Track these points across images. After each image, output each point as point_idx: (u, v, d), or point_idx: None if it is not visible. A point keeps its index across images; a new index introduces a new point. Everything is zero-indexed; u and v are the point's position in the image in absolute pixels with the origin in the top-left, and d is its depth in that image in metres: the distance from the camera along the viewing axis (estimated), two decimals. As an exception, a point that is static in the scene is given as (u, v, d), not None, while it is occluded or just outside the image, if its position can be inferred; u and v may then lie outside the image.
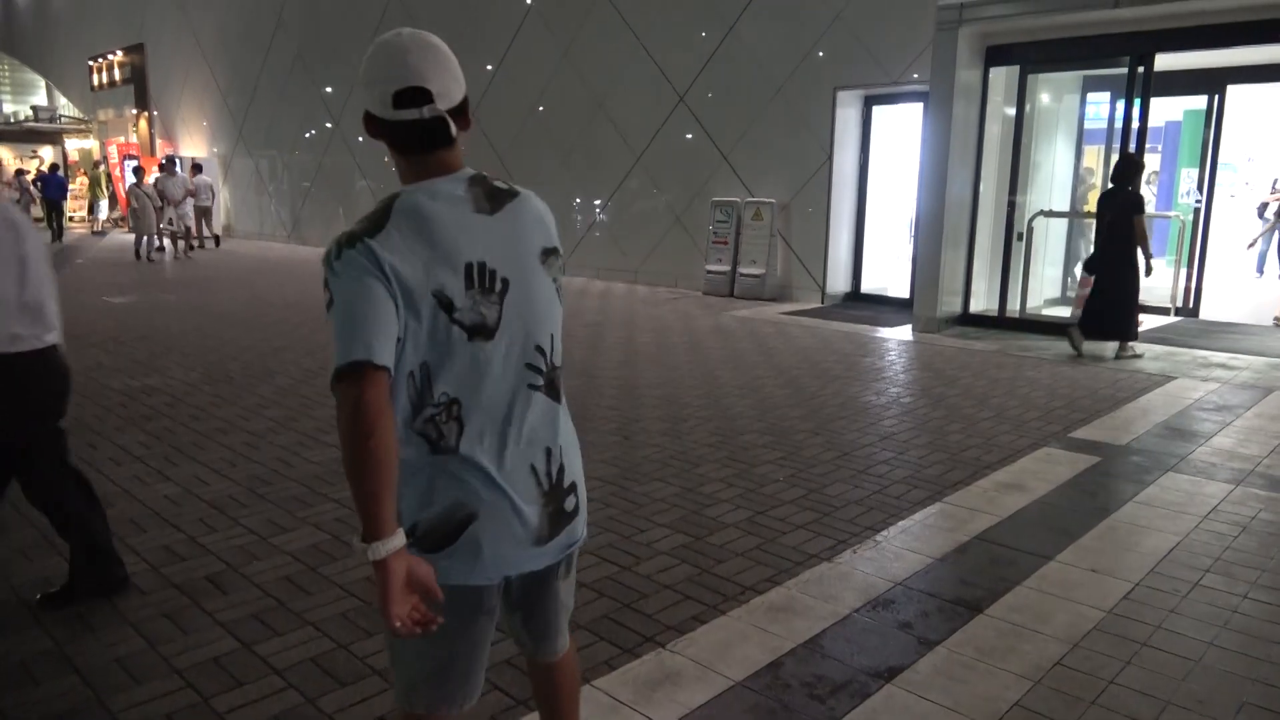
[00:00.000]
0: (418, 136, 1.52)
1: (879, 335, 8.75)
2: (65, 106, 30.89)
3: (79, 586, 3.15)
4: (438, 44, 1.53)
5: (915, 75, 9.60)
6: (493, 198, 1.59)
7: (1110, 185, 7.54)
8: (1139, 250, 7.14)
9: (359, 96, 1.56)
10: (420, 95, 1.49)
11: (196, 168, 17.08)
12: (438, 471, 1.53)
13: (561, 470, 1.65)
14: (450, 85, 1.53)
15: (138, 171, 16.29)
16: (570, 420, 1.73)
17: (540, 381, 1.62)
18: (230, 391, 6.30)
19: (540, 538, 1.61)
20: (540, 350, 1.61)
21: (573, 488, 1.68)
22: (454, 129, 1.54)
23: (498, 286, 1.54)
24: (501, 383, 1.55)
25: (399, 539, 1.40)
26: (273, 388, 6.41)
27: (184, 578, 3.37)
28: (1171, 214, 11.45)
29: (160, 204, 15.99)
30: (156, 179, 16.12)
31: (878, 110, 10.61)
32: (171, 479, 4.47)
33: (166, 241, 16.74)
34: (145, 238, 15.70)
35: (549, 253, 1.65)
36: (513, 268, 1.57)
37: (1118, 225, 7.19)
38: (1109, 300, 7.31)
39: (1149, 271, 7.26)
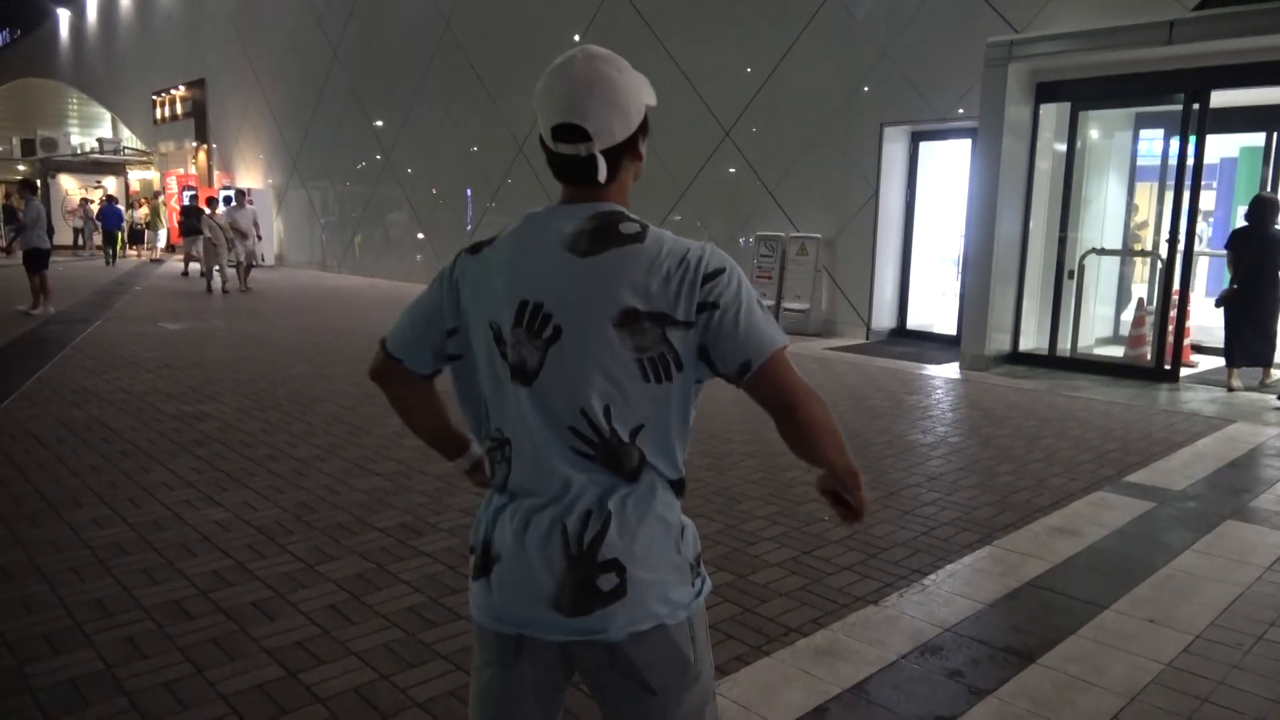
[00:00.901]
0: (572, 171, 1.47)
1: (925, 372, 8.64)
2: (129, 139, 32.00)
3: None
4: (610, 74, 1.42)
5: (962, 111, 9.55)
6: (600, 238, 1.42)
7: (1245, 224, 7.68)
8: None
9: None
10: (577, 133, 1.42)
11: (211, 202, 16.24)
12: (489, 504, 1.55)
13: (599, 541, 1.42)
14: (613, 122, 1.42)
15: (211, 203, 16.18)
16: (654, 506, 1.46)
17: (587, 450, 1.44)
18: (279, 418, 6.40)
19: (560, 605, 1.43)
20: (586, 415, 1.42)
21: (616, 568, 1.42)
22: (603, 172, 1.44)
23: (547, 332, 1.42)
24: (537, 434, 1.45)
25: (463, 461, 1.73)
26: (320, 415, 6.50)
27: (232, 603, 3.40)
28: (1223, 252, 11.19)
29: (231, 235, 15.45)
30: (227, 210, 15.76)
31: (925, 146, 10.57)
32: (221, 504, 4.54)
33: (229, 271, 15.72)
34: (218, 269, 15.38)
35: (638, 316, 1.40)
36: (572, 318, 1.41)
37: (1265, 262, 7.44)
38: (1264, 333, 7.61)
39: None
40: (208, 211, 15.59)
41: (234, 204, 15.84)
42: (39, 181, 22.22)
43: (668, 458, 1.47)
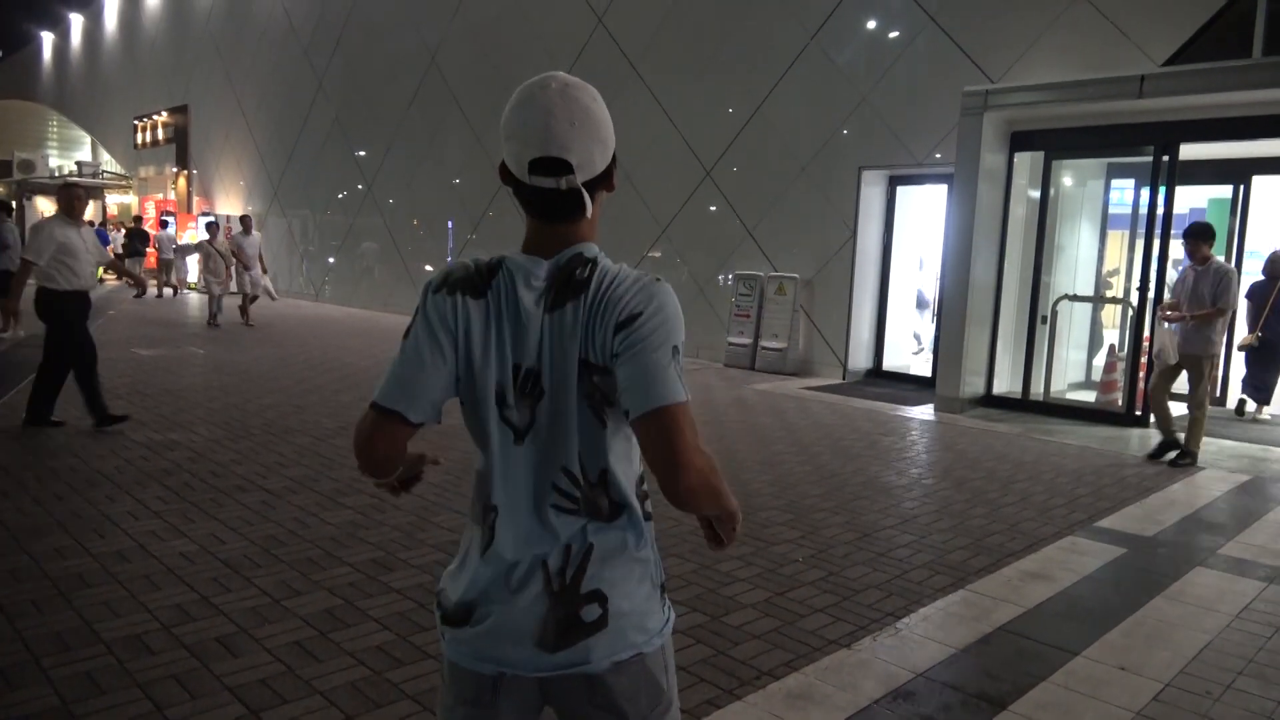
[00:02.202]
0: (550, 207, 1.41)
1: (901, 414, 8.70)
2: (108, 163, 31.85)
3: None
4: (588, 103, 1.38)
5: (939, 156, 9.72)
6: (559, 292, 1.40)
7: (1263, 278, 8.54)
8: None
9: (499, 141, 1.44)
10: (559, 166, 1.36)
11: (163, 223, 14.75)
12: (464, 568, 1.52)
13: (581, 573, 1.44)
14: (594, 153, 1.39)
15: (212, 228, 15.04)
16: (629, 539, 1.47)
17: (570, 505, 1.45)
18: (250, 448, 6.33)
19: (544, 641, 1.43)
20: (567, 471, 1.43)
21: (599, 599, 1.44)
22: (589, 206, 1.42)
23: (536, 393, 1.43)
24: (526, 491, 1.45)
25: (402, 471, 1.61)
26: (293, 447, 6.43)
27: (195, 638, 3.33)
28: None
29: (231, 263, 14.47)
30: (232, 238, 14.55)
31: (902, 190, 10.73)
32: (188, 536, 4.47)
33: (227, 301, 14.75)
34: (219, 299, 14.24)
35: (586, 365, 1.39)
36: (550, 375, 1.41)
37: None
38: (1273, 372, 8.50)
39: None
40: (207, 237, 14.64)
41: (240, 230, 14.51)
42: (14, 204, 22.01)
43: (630, 492, 1.48)
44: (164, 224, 22.35)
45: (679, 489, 1.35)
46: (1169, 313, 6.73)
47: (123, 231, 22.62)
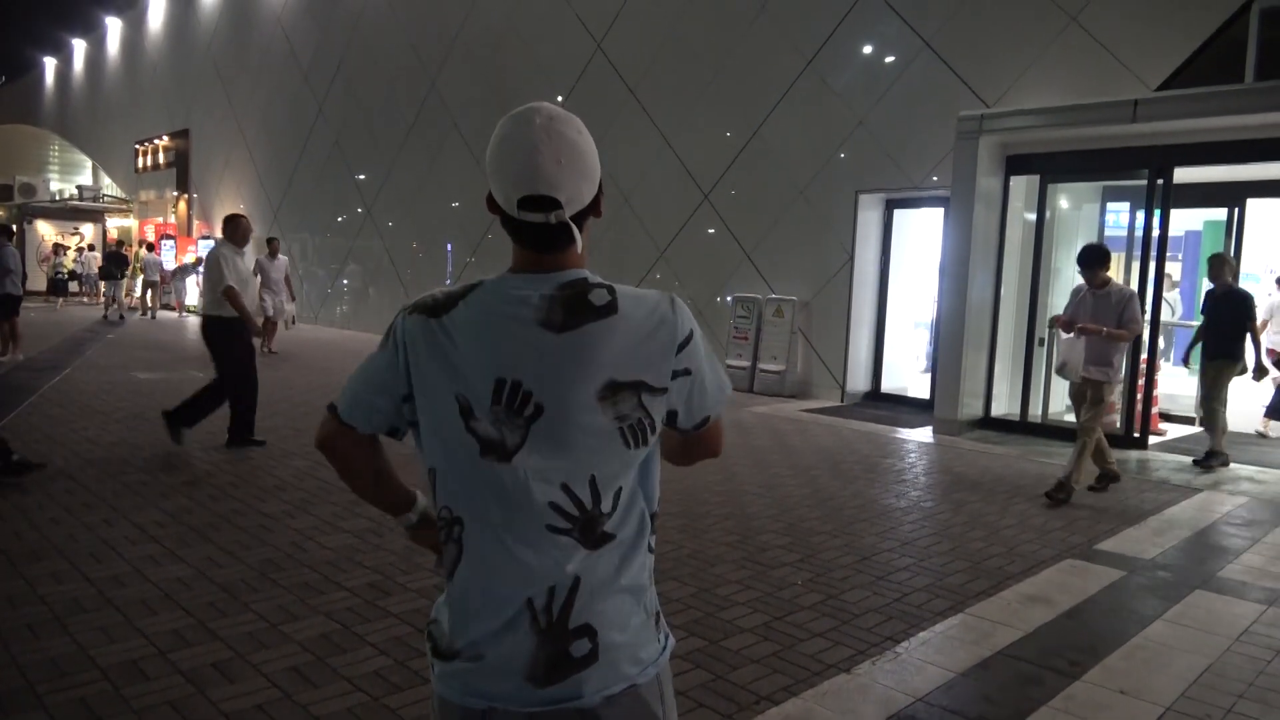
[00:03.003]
0: (539, 239, 1.41)
1: (899, 436, 8.69)
2: (109, 186, 32.00)
3: None
4: (574, 138, 1.39)
5: (935, 179, 9.78)
6: (573, 311, 1.39)
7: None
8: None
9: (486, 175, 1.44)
10: (547, 203, 1.37)
11: (149, 247, 13.40)
12: (449, 603, 1.50)
13: (568, 608, 1.41)
14: (581, 187, 1.40)
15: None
16: (622, 570, 1.45)
17: (564, 525, 1.41)
18: (249, 471, 6.32)
19: (534, 676, 1.40)
20: (568, 490, 1.40)
21: (588, 633, 1.41)
22: (579, 242, 1.43)
23: (528, 410, 1.39)
24: (512, 512, 1.40)
25: (410, 516, 1.66)
26: (291, 470, 6.42)
27: (191, 664, 3.32)
28: (1194, 323, 11.43)
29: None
30: (258, 260, 13.50)
31: (899, 213, 10.79)
32: (185, 560, 4.45)
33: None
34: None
35: (618, 387, 1.39)
36: (553, 395, 1.38)
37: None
38: None
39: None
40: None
41: (266, 253, 13.74)
42: (14, 227, 22.10)
43: (643, 512, 1.48)
44: (150, 248, 22.86)
45: (707, 457, 1.62)
46: (1082, 325, 6.19)
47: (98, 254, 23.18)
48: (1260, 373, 7.85)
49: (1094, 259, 6.34)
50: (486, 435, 1.40)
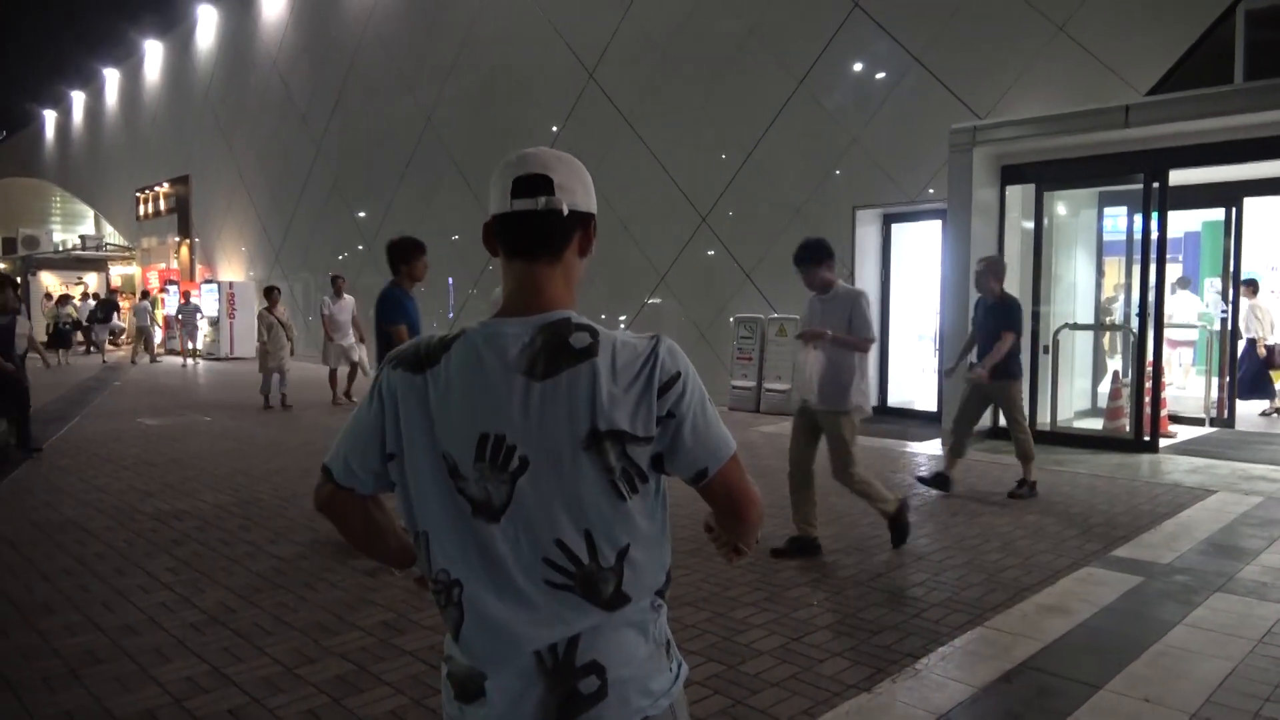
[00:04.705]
0: (529, 234, 1.41)
1: (908, 450, 8.66)
2: (111, 235, 32.24)
3: None
4: (572, 158, 1.47)
5: (931, 192, 9.82)
6: (552, 358, 1.36)
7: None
8: None
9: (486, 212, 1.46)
10: (541, 183, 1.39)
11: (272, 292, 12.91)
12: (455, 648, 1.49)
13: (574, 647, 1.39)
14: (575, 185, 1.42)
15: (272, 293, 12.69)
16: (628, 627, 1.43)
17: (563, 580, 1.38)
18: (259, 514, 6.31)
19: (547, 716, 1.39)
20: (562, 545, 1.36)
21: (595, 670, 1.40)
22: (560, 235, 1.43)
23: (512, 465, 1.35)
24: (509, 571, 1.37)
25: (416, 569, 1.56)
26: (302, 510, 6.41)
27: (206, 711, 3.30)
28: (1198, 324, 11.43)
29: (294, 334, 13.01)
30: (323, 303, 12.72)
31: (896, 227, 10.82)
32: (198, 606, 4.44)
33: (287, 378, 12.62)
34: (278, 376, 12.33)
35: (601, 436, 1.34)
36: (537, 447, 1.35)
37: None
38: None
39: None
40: (265, 305, 12.52)
41: (330, 295, 12.54)
42: (19, 279, 22.26)
43: (655, 567, 1.45)
44: (144, 294, 23.30)
45: (743, 523, 1.51)
46: (805, 332, 5.41)
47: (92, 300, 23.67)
48: (951, 373, 7.07)
49: (807, 256, 5.23)
50: (475, 495, 1.38)
